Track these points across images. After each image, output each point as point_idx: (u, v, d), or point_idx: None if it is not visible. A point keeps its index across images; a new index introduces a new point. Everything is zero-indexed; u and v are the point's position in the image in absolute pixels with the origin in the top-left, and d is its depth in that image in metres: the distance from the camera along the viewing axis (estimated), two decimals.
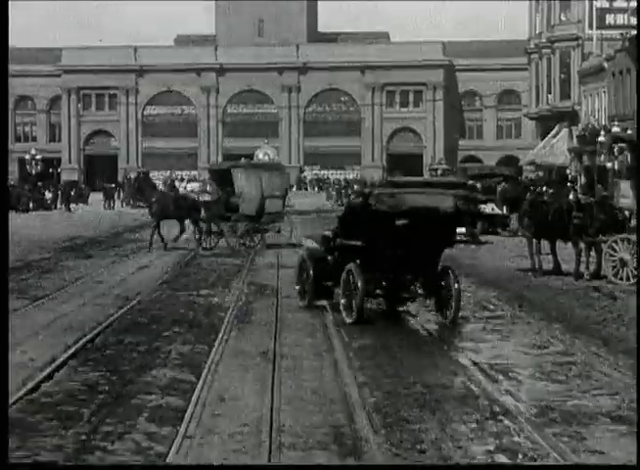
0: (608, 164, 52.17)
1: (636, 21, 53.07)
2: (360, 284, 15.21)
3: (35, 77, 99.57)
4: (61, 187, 69.27)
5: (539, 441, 8.83)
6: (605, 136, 51.60)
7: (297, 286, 17.44)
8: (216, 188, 32.69)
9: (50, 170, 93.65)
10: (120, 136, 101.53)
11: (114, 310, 16.70)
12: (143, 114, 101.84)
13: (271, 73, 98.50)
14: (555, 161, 66.34)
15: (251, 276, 22.49)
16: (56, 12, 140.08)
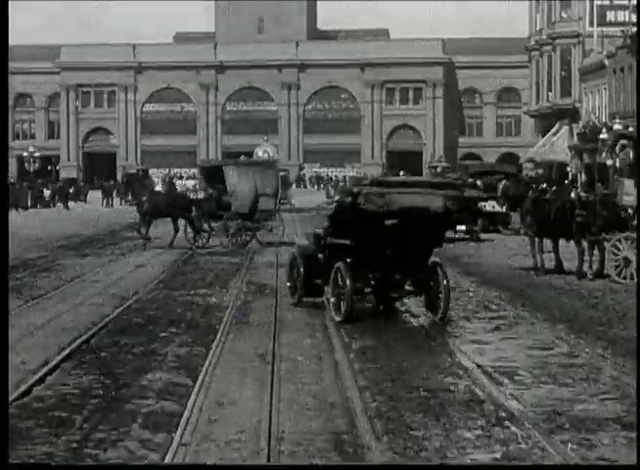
0: (608, 162, 51.92)
1: (636, 18, 52.80)
2: (348, 282, 15.20)
3: (34, 75, 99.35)
4: (59, 184, 69.03)
5: (548, 448, 8.52)
6: (607, 133, 51.34)
7: (289, 283, 17.47)
8: (206, 186, 32.45)
9: (49, 168, 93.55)
10: (119, 134, 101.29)
11: (110, 310, 16.44)
12: (142, 111, 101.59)
13: (271, 71, 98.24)
14: (555, 158, 66.13)
15: (250, 275, 22.22)
16: (56, 12, 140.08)
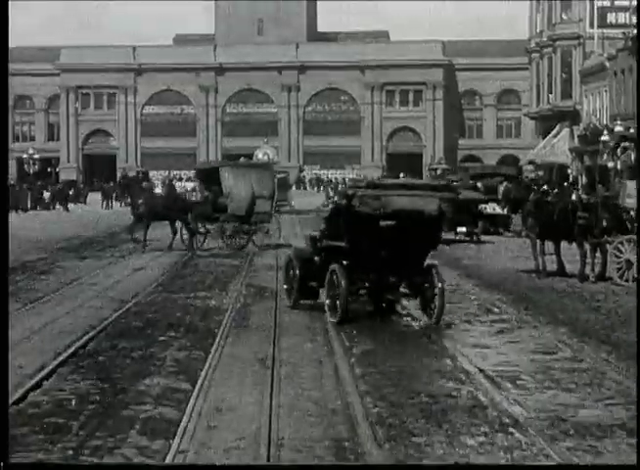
0: (609, 164, 51.76)
1: (637, 19, 52.67)
2: (344, 284, 15.21)
3: (34, 76, 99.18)
4: (59, 186, 68.85)
5: (552, 455, 8.36)
6: (608, 135, 51.19)
7: (285, 285, 17.49)
8: (202, 188, 32.34)
9: (48, 170, 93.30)
10: (119, 136, 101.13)
11: (109, 314, 16.27)
12: (142, 113, 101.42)
13: (271, 73, 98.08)
14: (556, 160, 65.98)
15: (250, 278, 22.06)
16: (56, 12, 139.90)
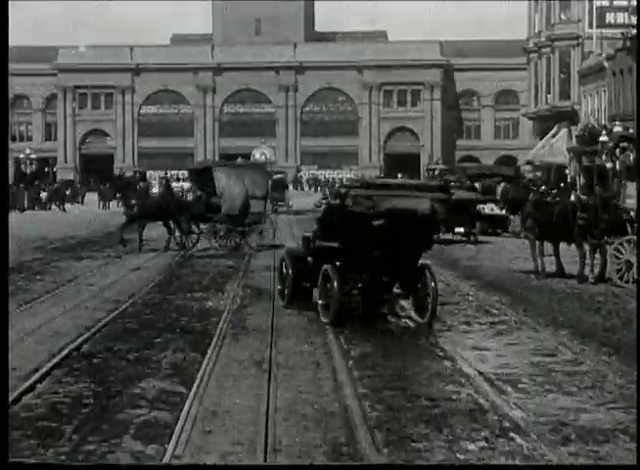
0: (608, 165, 51.57)
1: (636, 19, 52.54)
2: (336, 285, 15.17)
3: (31, 76, 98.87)
4: (56, 186, 68.66)
5: (555, 461, 8.21)
6: (607, 136, 51.01)
7: (279, 286, 17.50)
8: (196, 188, 32.17)
9: (46, 170, 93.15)
10: (116, 135, 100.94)
11: (104, 315, 16.10)
12: (139, 113, 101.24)
13: (268, 73, 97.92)
14: (554, 161, 65.82)
15: (246, 279, 21.89)
16: (55, 12, 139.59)
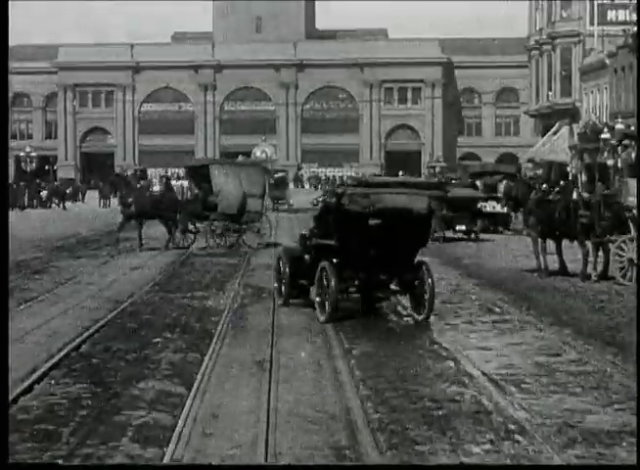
0: (609, 162, 51.45)
1: (637, 16, 52.36)
2: (333, 282, 15.15)
3: (32, 74, 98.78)
4: (56, 184, 68.56)
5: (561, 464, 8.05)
6: (609, 133, 50.86)
7: (275, 284, 17.48)
8: (193, 186, 32.04)
9: (46, 168, 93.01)
10: (117, 133, 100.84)
11: (104, 314, 15.96)
12: (140, 111, 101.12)
13: (269, 71, 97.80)
14: (555, 158, 65.65)
15: (247, 278, 21.74)
16: (54, 11, 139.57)
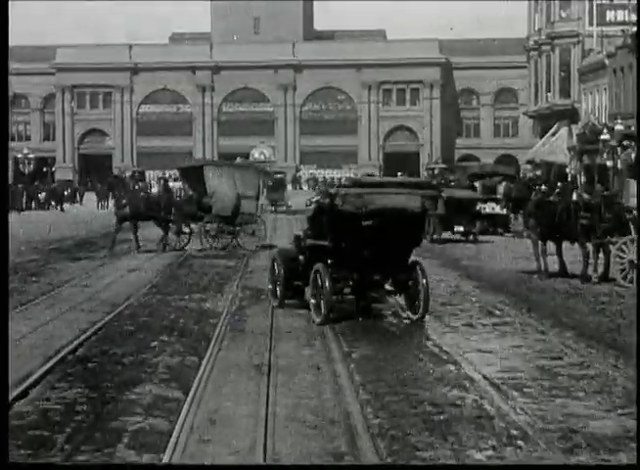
0: (608, 163, 51.33)
1: (636, 17, 52.26)
2: (328, 283, 15.14)
3: (29, 76, 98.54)
4: (54, 186, 68.43)
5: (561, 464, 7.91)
6: (609, 134, 50.74)
7: (270, 286, 17.40)
8: (187, 187, 31.94)
9: (44, 170, 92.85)
10: (115, 135, 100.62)
11: (100, 317, 15.81)
12: (138, 112, 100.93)
13: (267, 72, 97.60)
14: (554, 159, 65.54)
15: (245, 280, 21.60)
16: (53, 12, 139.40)
